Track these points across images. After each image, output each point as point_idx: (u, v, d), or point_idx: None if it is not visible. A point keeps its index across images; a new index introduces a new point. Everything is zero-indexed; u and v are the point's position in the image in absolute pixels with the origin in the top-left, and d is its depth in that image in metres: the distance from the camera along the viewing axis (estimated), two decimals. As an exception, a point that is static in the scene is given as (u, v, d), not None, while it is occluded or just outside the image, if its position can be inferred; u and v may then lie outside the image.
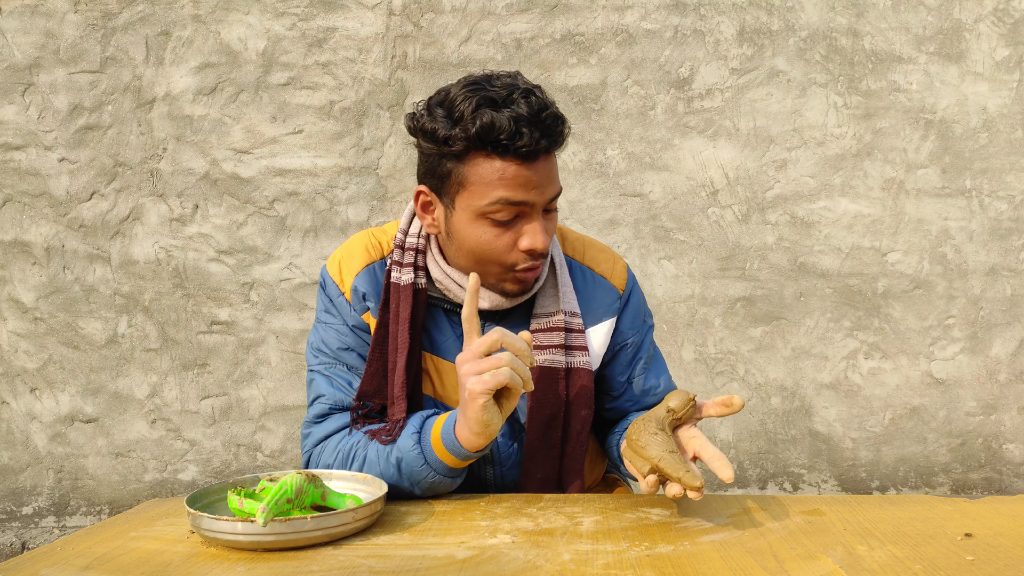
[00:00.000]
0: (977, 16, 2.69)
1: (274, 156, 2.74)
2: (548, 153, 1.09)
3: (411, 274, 1.18)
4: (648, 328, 1.31)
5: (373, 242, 1.26)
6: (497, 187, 1.07)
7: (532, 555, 0.87)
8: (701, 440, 0.99)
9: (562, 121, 1.09)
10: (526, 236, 1.10)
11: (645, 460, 0.96)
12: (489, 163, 1.07)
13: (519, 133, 1.04)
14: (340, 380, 1.20)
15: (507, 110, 1.05)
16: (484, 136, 1.05)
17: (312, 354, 1.25)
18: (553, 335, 1.19)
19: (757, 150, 2.72)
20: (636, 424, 1.01)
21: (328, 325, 1.24)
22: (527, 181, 1.07)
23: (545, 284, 1.22)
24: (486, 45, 2.71)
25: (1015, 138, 2.70)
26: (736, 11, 2.71)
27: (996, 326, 2.73)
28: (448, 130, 1.08)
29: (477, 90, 1.07)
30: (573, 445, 1.20)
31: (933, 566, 0.82)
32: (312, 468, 1.18)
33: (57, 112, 2.73)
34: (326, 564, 0.85)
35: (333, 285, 1.24)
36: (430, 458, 1.06)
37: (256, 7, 2.72)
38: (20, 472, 2.80)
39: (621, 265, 1.30)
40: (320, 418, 1.20)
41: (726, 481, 0.91)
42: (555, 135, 1.08)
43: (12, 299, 2.77)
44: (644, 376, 1.28)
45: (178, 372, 2.77)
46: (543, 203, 1.10)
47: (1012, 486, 2.74)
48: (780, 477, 2.77)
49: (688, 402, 1.02)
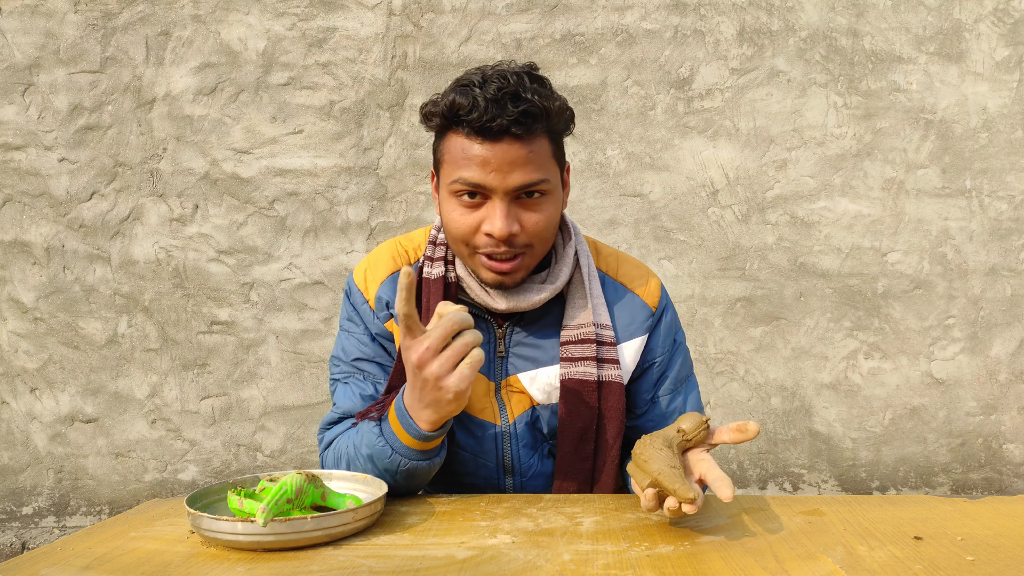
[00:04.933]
0: (977, 16, 2.70)
1: (274, 156, 2.74)
2: (512, 135, 1.07)
3: (442, 267, 1.20)
4: (677, 347, 1.29)
5: (400, 250, 1.27)
6: (460, 165, 1.10)
7: (532, 555, 0.87)
8: (709, 463, 0.97)
9: (524, 102, 1.07)
10: (487, 220, 1.11)
11: (646, 474, 0.95)
12: (457, 140, 1.11)
13: (474, 108, 1.06)
14: (355, 390, 1.22)
15: (476, 89, 1.07)
16: (448, 112, 1.09)
17: (333, 363, 1.26)
18: (585, 347, 1.18)
19: (757, 150, 2.72)
20: (643, 440, 1.00)
21: (350, 334, 1.25)
22: (484, 161, 1.08)
23: (574, 295, 1.22)
24: (486, 45, 2.71)
25: (1015, 138, 2.71)
26: (736, 11, 2.71)
27: (996, 326, 2.73)
28: (432, 108, 1.13)
29: (468, 73, 1.11)
30: (604, 458, 1.19)
31: (933, 566, 0.82)
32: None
33: (57, 112, 2.73)
34: (326, 564, 0.85)
35: (358, 293, 1.25)
36: (395, 444, 1.05)
37: (256, 7, 2.72)
38: (20, 472, 2.80)
39: (655, 283, 1.28)
40: (330, 425, 1.22)
41: (724, 500, 0.90)
42: (512, 114, 1.06)
43: (12, 299, 2.77)
44: (671, 396, 1.26)
45: (178, 372, 2.77)
46: (505, 188, 1.09)
47: (1012, 486, 2.74)
48: (780, 477, 2.77)
49: (700, 424, 1.00)
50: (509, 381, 1.20)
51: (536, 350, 1.21)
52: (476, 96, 1.06)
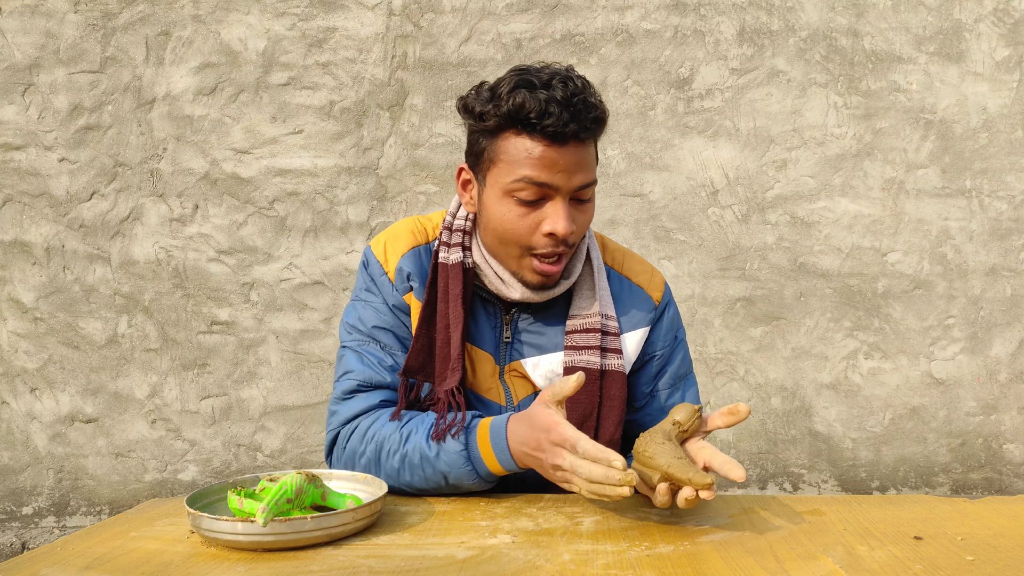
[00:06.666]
0: (977, 16, 2.69)
1: (274, 156, 2.74)
2: (578, 139, 1.11)
3: (459, 253, 1.21)
4: (678, 343, 1.31)
5: (419, 227, 1.28)
6: (523, 165, 1.10)
7: (532, 555, 0.87)
8: (710, 449, 0.99)
9: (595, 109, 1.11)
10: (548, 219, 1.12)
11: (654, 469, 0.95)
12: (518, 141, 1.11)
13: (547, 113, 1.07)
14: (371, 358, 1.20)
15: (543, 92, 1.08)
16: (514, 114, 1.09)
17: (346, 331, 1.25)
18: (589, 336, 1.20)
19: (757, 150, 2.72)
20: (642, 438, 1.00)
21: (367, 303, 1.25)
22: (553, 163, 1.10)
23: (583, 286, 1.24)
24: (486, 45, 2.71)
25: (1015, 138, 2.70)
26: (736, 11, 2.71)
27: (996, 326, 2.73)
28: (484, 107, 1.12)
29: (521, 73, 1.11)
30: (605, 446, 1.20)
31: (933, 566, 0.82)
32: (339, 448, 1.17)
33: (57, 112, 2.73)
34: (326, 564, 0.85)
35: (377, 264, 1.25)
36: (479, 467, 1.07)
37: (256, 7, 2.72)
38: (20, 472, 2.80)
39: (659, 278, 1.31)
40: (348, 395, 1.19)
41: (738, 480, 0.91)
42: (584, 120, 1.09)
43: (12, 299, 2.77)
44: (670, 391, 1.28)
45: (178, 372, 2.77)
46: (569, 188, 1.12)
47: (1012, 486, 2.74)
48: (780, 477, 2.77)
49: (694, 414, 1.01)
50: (513, 366, 1.22)
51: (541, 337, 1.23)
52: (547, 100, 1.07)
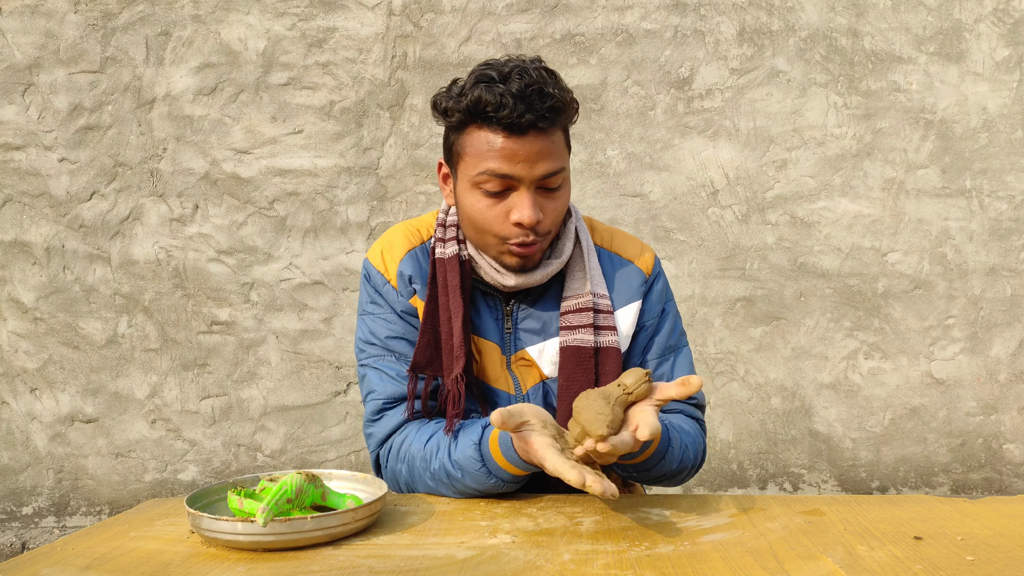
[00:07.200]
0: (977, 16, 2.69)
1: (274, 156, 2.74)
2: (537, 129, 1.12)
3: (455, 247, 1.23)
4: (666, 315, 1.31)
5: (412, 230, 1.30)
6: (486, 157, 1.13)
7: (532, 555, 0.87)
8: (648, 412, 0.98)
9: (551, 98, 1.12)
10: (515, 209, 1.14)
11: (576, 423, 0.98)
12: (480, 134, 1.14)
13: (502, 105, 1.10)
14: (390, 372, 1.22)
15: (500, 86, 1.11)
16: (473, 108, 1.12)
17: (360, 348, 1.26)
18: (583, 315, 1.22)
19: (757, 150, 2.72)
20: (582, 395, 1.00)
21: (375, 316, 1.26)
22: (513, 154, 1.12)
23: (574, 268, 1.26)
24: (486, 45, 2.71)
25: (1015, 138, 2.70)
26: (736, 11, 2.71)
27: (996, 326, 2.73)
28: (449, 103, 1.16)
29: (484, 68, 1.14)
30: None
31: (933, 566, 0.82)
32: (384, 471, 1.21)
33: (57, 112, 2.73)
34: (326, 564, 0.85)
35: (378, 274, 1.26)
36: (502, 475, 1.08)
37: (256, 7, 2.72)
38: (20, 472, 2.80)
39: (649, 254, 1.33)
40: (377, 415, 1.22)
41: (640, 439, 0.94)
42: (540, 110, 1.11)
43: (12, 299, 2.77)
44: (658, 361, 1.28)
45: (178, 372, 2.77)
46: (532, 178, 1.14)
47: (1012, 486, 2.74)
48: (780, 477, 2.77)
49: (642, 378, 1.00)
50: (519, 355, 1.24)
51: (541, 323, 1.25)
52: (502, 93, 1.10)
